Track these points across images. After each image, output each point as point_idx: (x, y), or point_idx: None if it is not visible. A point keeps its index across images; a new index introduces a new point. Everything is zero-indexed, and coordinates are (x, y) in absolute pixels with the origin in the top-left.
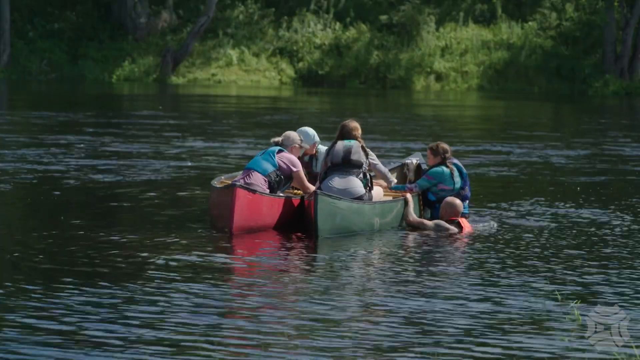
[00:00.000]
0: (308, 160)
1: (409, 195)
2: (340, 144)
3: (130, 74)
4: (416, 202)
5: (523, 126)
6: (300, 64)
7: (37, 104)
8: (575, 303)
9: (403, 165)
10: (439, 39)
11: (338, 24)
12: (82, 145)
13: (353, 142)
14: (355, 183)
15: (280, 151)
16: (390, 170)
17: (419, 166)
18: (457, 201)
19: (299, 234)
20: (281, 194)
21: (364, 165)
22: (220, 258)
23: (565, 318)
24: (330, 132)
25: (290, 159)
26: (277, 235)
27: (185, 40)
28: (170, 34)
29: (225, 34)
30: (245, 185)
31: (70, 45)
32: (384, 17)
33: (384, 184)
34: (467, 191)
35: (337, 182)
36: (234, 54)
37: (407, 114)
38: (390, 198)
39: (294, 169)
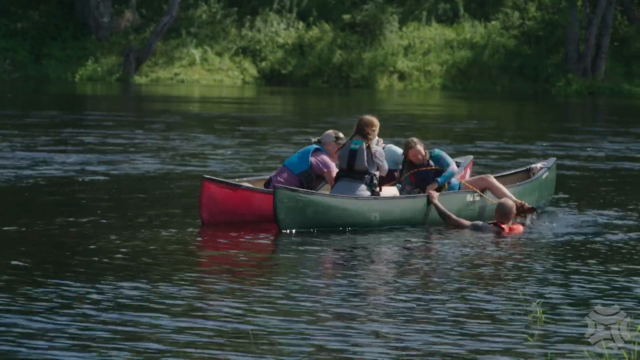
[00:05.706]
0: None
1: (433, 193)
2: (347, 148)
3: (93, 74)
4: (462, 201)
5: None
6: (263, 64)
7: (2, 104)
8: (538, 303)
9: (529, 169)
10: (402, 38)
11: (301, 23)
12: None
13: (358, 145)
14: (358, 188)
15: (317, 150)
16: (514, 173)
17: (541, 169)
18: (509, 203)
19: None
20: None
21: (369, 170)
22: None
23: (527, 319)
24: (295, 131)
25: (323, 160)
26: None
27: (148, 39)
28: (133, 33)
29: (188, 34)
30: (215, 178)
31: (33, 45)
32: (347, 17)
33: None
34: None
35: (340, 187)
36: (197, 53)
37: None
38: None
39: (325, 170)
